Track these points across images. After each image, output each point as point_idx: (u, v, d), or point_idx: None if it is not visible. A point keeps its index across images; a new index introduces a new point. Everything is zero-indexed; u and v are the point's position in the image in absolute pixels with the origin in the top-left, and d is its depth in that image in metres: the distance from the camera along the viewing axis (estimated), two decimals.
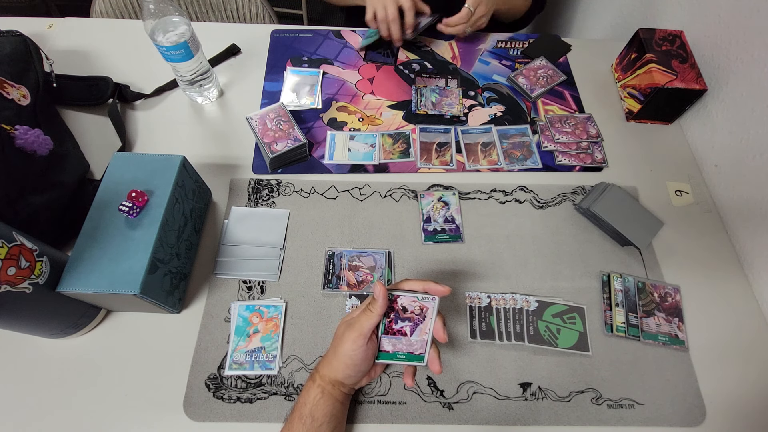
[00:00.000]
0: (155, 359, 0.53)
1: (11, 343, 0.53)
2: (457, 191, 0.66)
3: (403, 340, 0.45)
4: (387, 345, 0.45)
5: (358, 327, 0.43)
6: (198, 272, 0.59)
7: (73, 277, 0.45)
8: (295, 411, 0.45)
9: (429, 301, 0.44)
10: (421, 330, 0.45)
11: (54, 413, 0.50)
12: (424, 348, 0.45)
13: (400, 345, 0.45)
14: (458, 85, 0.78)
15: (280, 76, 0.78)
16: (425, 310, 0.44)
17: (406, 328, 0.45)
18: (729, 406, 0.53)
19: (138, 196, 0.49)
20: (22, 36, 0.65)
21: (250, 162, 0.68)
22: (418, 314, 0.45)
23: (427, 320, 0.44)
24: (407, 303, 0.44)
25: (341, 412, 0.46)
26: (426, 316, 0.44)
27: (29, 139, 0.54)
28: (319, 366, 0.47)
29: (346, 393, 0.46)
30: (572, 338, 0.56)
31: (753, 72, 0.62)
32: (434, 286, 0.44)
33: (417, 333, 0.45)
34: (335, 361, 0.44)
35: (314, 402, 0.44)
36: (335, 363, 0.44)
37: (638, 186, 0.68)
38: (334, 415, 0.44)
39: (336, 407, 0.45)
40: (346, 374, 0.44)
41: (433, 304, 0.44)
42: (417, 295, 0.44)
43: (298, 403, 0.45)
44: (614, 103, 0.78)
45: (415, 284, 0.45)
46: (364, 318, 0.43)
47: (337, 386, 0.45)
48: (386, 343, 0.45)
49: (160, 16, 0.61)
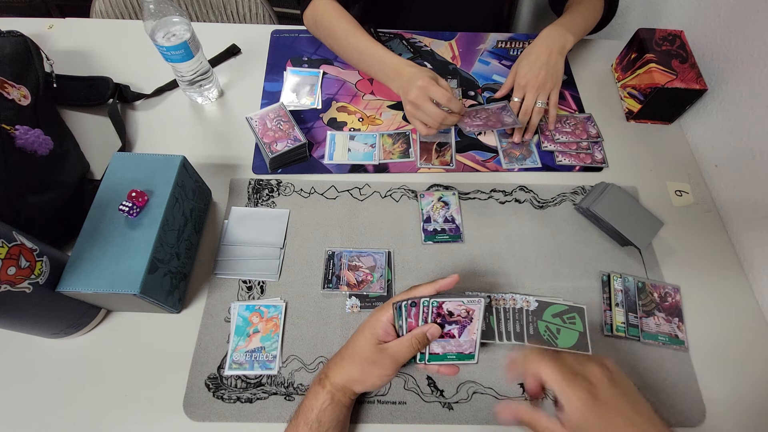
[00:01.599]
0: (155, 359, 0.53)
1: (11, 343, 0.53)
2: (457, 191, 0.66)
3: (452, 342, 0.46)
4: (436, 348, 0.46)
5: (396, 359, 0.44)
6: (198, 272, 0.59)
7: (73, 276, 0.45)
8: (300, 415, 0.45)
9: (475, 304, 0.45)
10: (469, 331, 0.46)
11: (54, 413, 0.50)
12: (473, 347, 0.46)
13: (450, 347, 0.46)
14: (458, 85, 0.78)
15: (280, 77, 0.78)
16: (471, 312, 0.45)
17: (454, 330, 0.46)
18: (729, 406, 0.53)
19: (138, 196, 0.49)
20: (22, 36, 0.66)
21: (250, 162, 0.68)
22: (464, 317, 0.45)
23: (475, 321, 0.45)
24: (453, 307, 0.45)
25: (346, 416, 0.46)
26: (473, 318, 0.45)
27: (29, 139, 0.54)
28: (330, 371, 0.46)
29: (353, 399, 0.47)
30: (572, 338, 0.55)
31: (753, 72, 0.62)
32: (442, 281, 0.45)
33: (465, 334, 0.46)
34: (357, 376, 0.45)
35: (322, 408, 0.44)
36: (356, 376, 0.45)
37: (638, 186, 0.68)
38: (340, 420, 0.45)
39: (342, 412, 0.45)
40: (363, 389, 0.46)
41: (479, 306, 0.45)
42: (462, 299, 0.45)
43: (305, 407, 0.45)
44: (614, 103, 0.78)
45: (427, 288, 0.46)
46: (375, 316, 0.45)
47: (347, 393, 0.45)
48: (435, 346, 0.46)
49: (160, 17, 0.61)
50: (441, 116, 0.59)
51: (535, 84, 0.67)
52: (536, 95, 0.67)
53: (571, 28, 0.71)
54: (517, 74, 0.70)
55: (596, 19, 0.78)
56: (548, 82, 0.67)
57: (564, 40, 0.69)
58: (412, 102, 0.60)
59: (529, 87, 0.67)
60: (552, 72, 0.67)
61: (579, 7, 0.76)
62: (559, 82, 0.68)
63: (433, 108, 0.59)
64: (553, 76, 0.67)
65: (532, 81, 0.67)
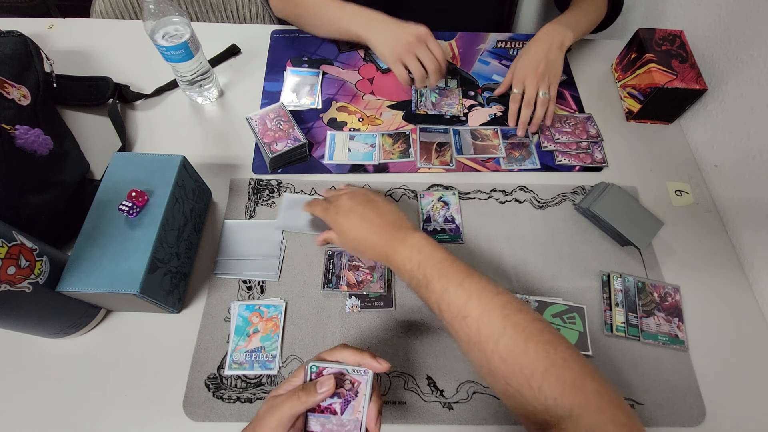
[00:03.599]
0: (155, 359, 0.53)
1: (11, 343, 0.53)
2: (457, 191, 0.66)
3: (333, 419, 0.38)
4: (315, 425, 0.39)
5: (278, 414, 0.36)
6: (198, 272, 0.59)
7: (73, 276, 0.45)
8: None
9: (361, 375, 0.39)
10: (353, 408, 0.39)
11: (54, 413, 0.50)
12: (357, 429, 0.38)
13: (330, 425, 0.38)
14: (458, 85, 0.78)
15: (280, 77, 0.78)
16: (357, 385, 0.39)
17: (335, 405, 0.39)
18: (729, 406, 0.53)
19: (138, 196, 0.49)
20: (22, 36, 0.66)
21: (250, 162, 0.68)
22: (349, 389, 0.39)
23: (360, 396, 0.39)
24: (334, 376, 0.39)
25: None
26: (359, 392, 0.39)
27: (29, 139, 0.54)
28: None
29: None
30: (572, 338, 0.55)
31: (753, 72, 0.62)
32: (371, 360, 0.38)
33: (349, 411, 0.39)
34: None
35: None
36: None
37: (638, 186, 0.68)
38: None
39: None
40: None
41: (365, 378, 0.39)
42: (347, 367, 0.39)
43: None
44: (614, 103, 0.78)
45: (351, 355, 0.39)
46: (288, 404, 0.36)
47: None
48: (314, 422, 0.39)
49: (160, 17, 0.61)
50: (435, 64, 0.63)
51: (534, 76, 0.67)
52: (537, 87, 0.67)
53: (571, 25, 0.71)
54: (516, 69, 0.70)
55: (599, 17, 0.77)
56: (548, 75, 0.67)
57: (563, 36, 0.69)
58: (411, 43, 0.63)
59: (529, 79, 0.67)
60: (551, 66, 0.67)
61: (582, 5, 0.75)
62: (558, 77, 0.68)
63: (429, 54, 0.62)
64: (553, 70, 0.67)
65: (531, 74, 0.67)
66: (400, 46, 0.63)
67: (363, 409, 0.39)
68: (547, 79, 0.67)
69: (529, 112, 0.69)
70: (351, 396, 0.39)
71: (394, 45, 0.64)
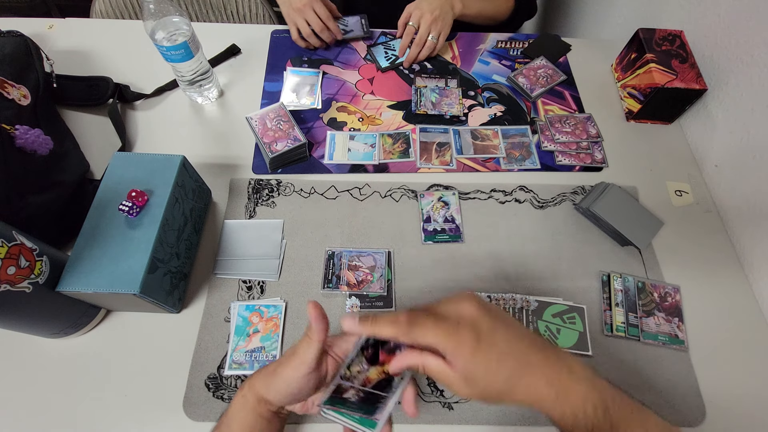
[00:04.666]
0: (155, 359, 0.53)
1: (11, 343, 0.53)
2: (457, 191, 0.66)
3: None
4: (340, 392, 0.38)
5: (300, 354, 0.38)
6: (198, 272, 0.59)
7: (73, 276, 0.45)
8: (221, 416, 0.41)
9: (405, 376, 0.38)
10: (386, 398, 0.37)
11: (54, 413, 0.50)
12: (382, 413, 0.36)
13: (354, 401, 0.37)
14: (458, 85, 0.78)
15: (280, 77, 0.78)
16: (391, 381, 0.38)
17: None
18: (729, 406, 0.53)
19: (138, 196, 0.49)
20: (22, 36, 0.66)
21: (250, 162, 0.68)
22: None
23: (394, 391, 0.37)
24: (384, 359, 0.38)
25: (267, 428, 0.40)
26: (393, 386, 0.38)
27: (29, 139, 0.54)
28: (254, 375, 0.41)
29: (274, 412, 0.41)
30: (572, 338, 0.55)
31: (753, 72, 0.62)
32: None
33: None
34: (271, 380, 0.39)
35: (234, 412, 0.40)
36: (270, 381, 0.39)
37: (638, 186, 0.68)
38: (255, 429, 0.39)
39: (259, 423, 0.40)
40: (277, 397, 0.39)
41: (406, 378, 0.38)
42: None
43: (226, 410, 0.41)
44: (614, 103, 0.78)
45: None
46: (304, 345, 0.38)
47: (262, 403, 0.40)
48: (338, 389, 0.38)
49: (160, 16, 0.61)
50: (319, 25, 0.75)
51: (430, 17, 0.76)
52: (429, 29, 0.76)
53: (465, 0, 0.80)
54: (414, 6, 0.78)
55: (496, 10, 0.87)
56: (440, 21, 0.76)
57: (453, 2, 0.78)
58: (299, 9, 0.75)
59: (424, 19, 0.76)
60: (444, 17, 0.77)
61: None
62: (447, 30, 0.78)
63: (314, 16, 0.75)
64: (445, 21, 0.77)
65: (427, 14, 0.76)
66: (291, 10, 0.77)
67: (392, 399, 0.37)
68: (439, 26, 0.76)
69: (417, 50, 0.78)
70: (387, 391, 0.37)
71: (288, 10, 0.78)
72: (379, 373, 0.38)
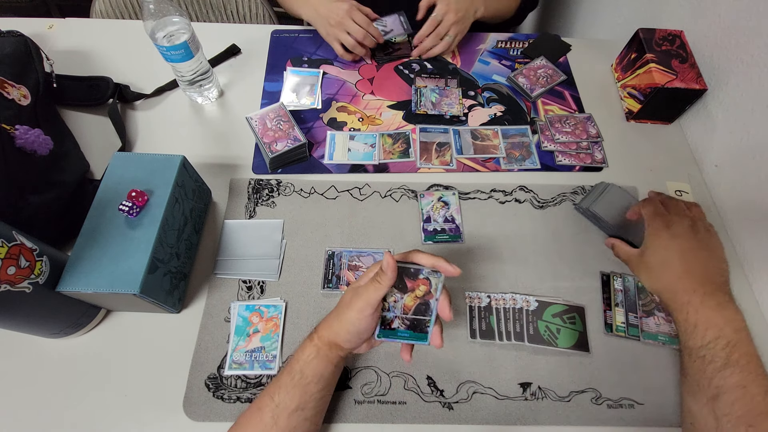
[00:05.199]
0: (155, 359, 0.53)
1: (11, 343, 0.53)
2: (457, 191, 0.66)
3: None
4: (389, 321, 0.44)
5: (366, 297, 0.42)
6: (198, 272, 0.59)
7: (73, 276, 0.45)
8: (286, 366, 0.45)
9: (434, 277, 0.43)
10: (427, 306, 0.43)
11: (54, 413, 0.50)
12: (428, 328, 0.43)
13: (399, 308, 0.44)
14: (458, 85, 0.78)
15: (280, 77, 0.78)
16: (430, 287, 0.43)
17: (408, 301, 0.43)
18: None
19: (138, 196, 0.49)
20: (22, 36, 0.66)
21: (250, 162, 0.68)
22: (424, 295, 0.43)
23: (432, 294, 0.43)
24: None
25: (333, 374, 0.45)
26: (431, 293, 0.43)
27: (29, 139, 0.54)
28: (319, 326, 0.46)
29: (342, 356, 0.45)
30: (572, 338, 0.55)
31: (753, 72, 0.62)
32: (445, 264, 0.42)
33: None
34: (337, 325, 0.44)
35: (307, 360, 0.44)
36: (336, 327, 0.44)
37: (638, 186, 0.68)
38: (324, 377, 0.44)
39: (328, 369, 0.44)
40: (346, 339, 0.44)
41: (438, 280, 0.42)
42: (422, 268, 0.43)
43: (291, 359, 0.45)
44: (614, 103, 0.78)
45: (425, 258, 0.43)
46: (372, 288, 0.42)
47: (334, 349, 0.44)
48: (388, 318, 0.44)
49: (160, 16, 0.61)
50: (362, 33, 0.73)
51: (453, 18, 0.75)
52: (449, 28, 0.76)
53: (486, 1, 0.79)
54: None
55: (508, 8, 0.88)
56: (461, 23, 0.76)
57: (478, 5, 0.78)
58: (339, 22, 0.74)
59: (447, 18, 0.75)
60: (466, 19, 0.76)
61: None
62: (462, 35, 0.78)
63: (355, 26, 0.73)
64: (465, 22, 0.77)
65: (451, 15, 0.75)
66: (330, 27, 0.75)
67: (433, 309, 0.43)
68: (459, 27, 0.76)
69: (433, 43, 0.77)
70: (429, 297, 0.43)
71: (326, 28, 0.76)
72: (413, 298, 0.44)
